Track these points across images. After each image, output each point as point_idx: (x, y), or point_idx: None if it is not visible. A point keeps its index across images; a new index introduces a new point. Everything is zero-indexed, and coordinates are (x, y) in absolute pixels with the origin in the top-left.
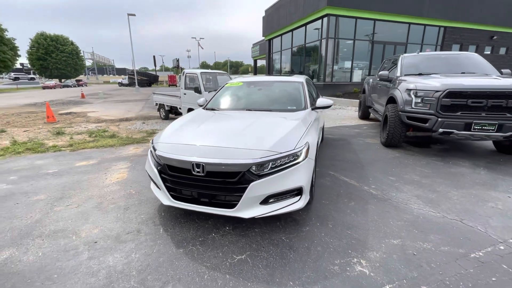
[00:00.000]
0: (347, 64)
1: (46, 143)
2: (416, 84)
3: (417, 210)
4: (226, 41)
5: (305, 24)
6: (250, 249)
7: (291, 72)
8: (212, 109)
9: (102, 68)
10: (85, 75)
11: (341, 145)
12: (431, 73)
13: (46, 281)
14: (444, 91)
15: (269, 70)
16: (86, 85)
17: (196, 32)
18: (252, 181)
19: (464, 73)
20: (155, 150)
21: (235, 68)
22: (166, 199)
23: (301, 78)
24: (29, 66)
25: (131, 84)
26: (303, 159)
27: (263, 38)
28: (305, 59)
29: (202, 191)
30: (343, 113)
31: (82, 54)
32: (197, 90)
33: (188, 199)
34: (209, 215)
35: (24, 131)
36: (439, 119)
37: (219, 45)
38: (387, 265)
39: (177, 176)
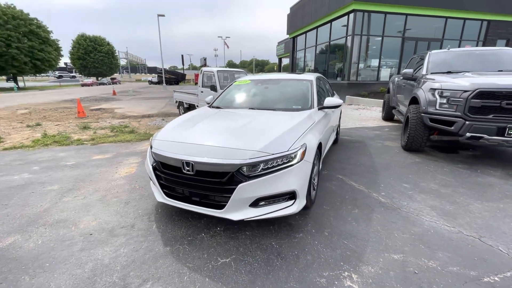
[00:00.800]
0: (374, 62)
1: (72, 137)
2: (442, 83)
3: (429, 223)
4: (253, 39)
5: (330, 21)
6: (237, 252)
7: (315, 70)
8: (217, 107)
9: (135, 67)
10: (119, 73)
11: (357, 147)
12: (462, 71)
13: (38, 268)
14: (474, 91)
15: (293, 68)
16: (120, 83)
17: (224, 31)
18: (241, 182)
19: (501, 71)
20: (151, 147)
21: (261, 66)
22: (160, 196)
23: (310, 76)
24: (71, 65)
25: (160, 82)
26: (298, 162)
27: (288, 36)
28: (329, 57)
29: (192, 190)
30: (366, 114)
31: (117, 54)
32: (213, 88)
33: (179, 197)
34: (202, 215)
35: (56, 125)
36: (467, 122)
37: (245, 44)
38: (381, 282)
39: (169, 173)
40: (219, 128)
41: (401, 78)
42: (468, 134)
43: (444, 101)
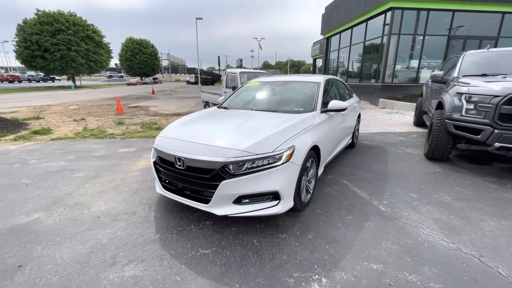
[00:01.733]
0: (414, 63)
1: (107, 131)
2: (470, 87)
3: (425, 236)
4: (289, 40)
5: (366, 20)
6: (218, 245)
7: (348, 72)
8: (225, 108)
9: (176, 68)
10: (161, 73)
11: (374, 153)
12: (501, 74)
13: (50, 242)
14: (506, 96)
15: (325, 69)
16: (161, 83)
17: (261, 32)
18: (224, 179)
19: None
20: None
21: (297, 67)
22: (159, 188)
23: (319, 78)
24: (120, 66)
25: (197, 82)
26: (283, 163)
27: (322, 36)
28: (364, 58)
29: (183, 184)
30: (397, 118)
31: (159, 55)
32: (235, 89)
33: (174, 190)
34: (197, 209)
35: (97, 120)
36: (496, 131)
37: (281, 45)
38: None
39: (165, 167)
40: (215, 128)
41: (431, 81)
42: (497, 144)
43: (471, 106)
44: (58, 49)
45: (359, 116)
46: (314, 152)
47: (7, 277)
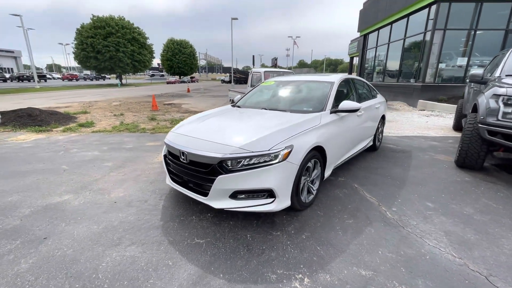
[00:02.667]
0: (461, 61)
1: (140, 126)
2: (509, 88)
3: (429, 248)
4: (326, 38)
5: (408, 15)
6: (213, 237)
7: (385, 71)
8: (238, 106)
9: (212, 67)
10: (198, 72)
11: (397, 157)
12: None
13: (72, 220)
14: None
15: (361, 68)
16: (197, 81)
17: (297, 30)
18: (221, 174)
19: None
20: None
21: (334, 66)
22: (168, 180)
23: (334, 78)
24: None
25: (231, 81)
26: (279, 162)
27: (359, 34)
28: (402, 56)
29: (185, 177)
30: (435, 122)
31: (197, 55)
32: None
33: (179, 182)
34: (200, 201)
35: (133, 115)
36: None
37: (318, 43)
38: None
39: (172, 161)
40: (221, 125)
41: (468, 80)
42: None
43: (510, 110)
44: (108, 50)
45: (383, 118)
46: (319, 152)
47: (34, 246)
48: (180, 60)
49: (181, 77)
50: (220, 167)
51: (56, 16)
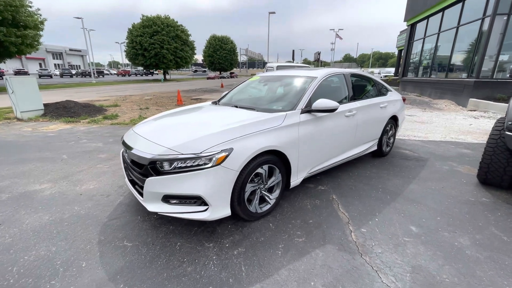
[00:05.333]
0: None
1: None
2: None
3: (379, 286)
4: (374, 30)
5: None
6: (142, 241)
7: (432, 65)
8: (215, 103)
9: (253, 62)
10: (238, 68)
11: (405, 166)
12: None
13: (33, 209)
14: None
15: (406, 61)
16: (236, 77)
17: (342, 23)
18: (152, 175)
19: None
20: None
21: (384, 60)
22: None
23: (318, 73)
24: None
25: None
26: (212, 166)
27: (406, 24)
28: (453, 47)
29: (131, 175)
30: (482, 125)
31: (237, 51)
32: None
33: (130, 180)
34: None
35: (156, 109)
36: None
37: (366, 36)
38: None
39: (123, 158)
40: (172, 124)
41: (508, 75)
42: None
43: None
44: (153, 47)
45: (394, 119)
46: (278, 157)
47: None
48: (221, 56)
49: (221, 72)
50: (152, 168)
51: (116, 16)
